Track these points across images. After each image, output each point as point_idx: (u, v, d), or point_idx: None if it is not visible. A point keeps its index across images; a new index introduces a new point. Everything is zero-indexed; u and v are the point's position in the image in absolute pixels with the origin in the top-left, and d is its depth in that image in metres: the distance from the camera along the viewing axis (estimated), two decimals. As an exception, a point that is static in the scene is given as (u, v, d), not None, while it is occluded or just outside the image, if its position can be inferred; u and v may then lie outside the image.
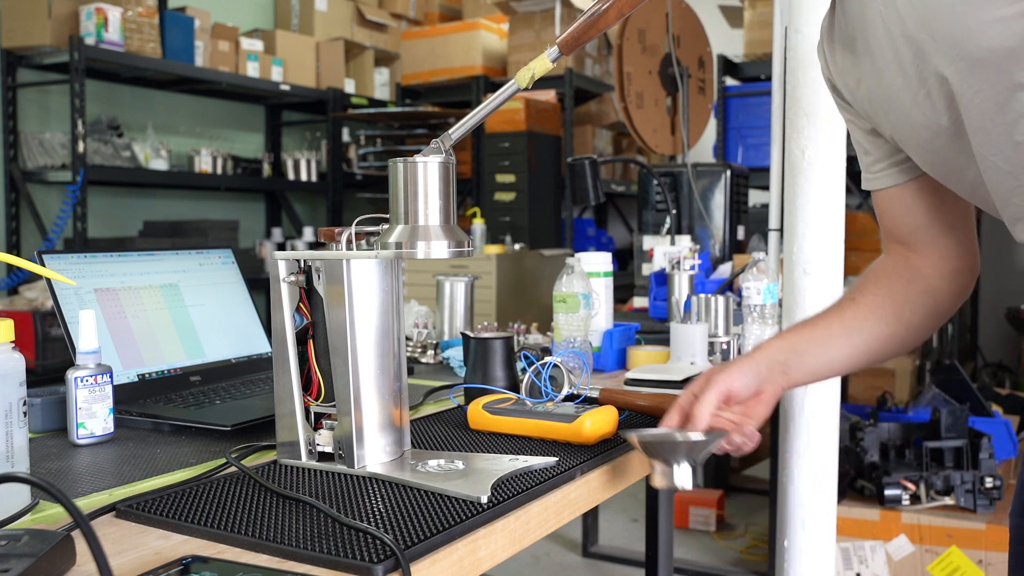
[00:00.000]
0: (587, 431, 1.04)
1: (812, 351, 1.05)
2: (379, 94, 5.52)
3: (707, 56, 3.24)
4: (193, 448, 1.08)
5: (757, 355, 1.04)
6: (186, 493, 0.86)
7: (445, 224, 0.91)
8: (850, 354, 1.06)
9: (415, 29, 5.29)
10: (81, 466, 1.01)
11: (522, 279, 3.35)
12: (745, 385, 1.01)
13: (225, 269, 1.51)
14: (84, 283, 1.28)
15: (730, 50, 4.41)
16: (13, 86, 3.96)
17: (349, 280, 0.92)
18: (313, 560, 0.71)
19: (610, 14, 0.90)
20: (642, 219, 2.55)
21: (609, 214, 6.05)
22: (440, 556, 0.74)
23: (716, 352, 1.71)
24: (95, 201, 4.22)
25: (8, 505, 0.81)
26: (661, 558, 1.91)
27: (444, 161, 0.91)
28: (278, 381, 0.97)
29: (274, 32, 4.86)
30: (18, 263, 0.85)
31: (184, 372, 1.35)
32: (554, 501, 0.90)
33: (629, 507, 3.57)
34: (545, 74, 0.92)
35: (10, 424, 0.81)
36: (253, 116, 5.25)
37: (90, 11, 3.83)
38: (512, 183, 4.51)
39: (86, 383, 1.09)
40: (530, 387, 1.25)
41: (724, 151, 4.34)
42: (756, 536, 3.24)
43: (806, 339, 1.05)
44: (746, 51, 4.28)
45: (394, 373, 0.97)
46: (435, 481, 0.88)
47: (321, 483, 0.89)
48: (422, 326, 1.86)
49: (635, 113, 2.87)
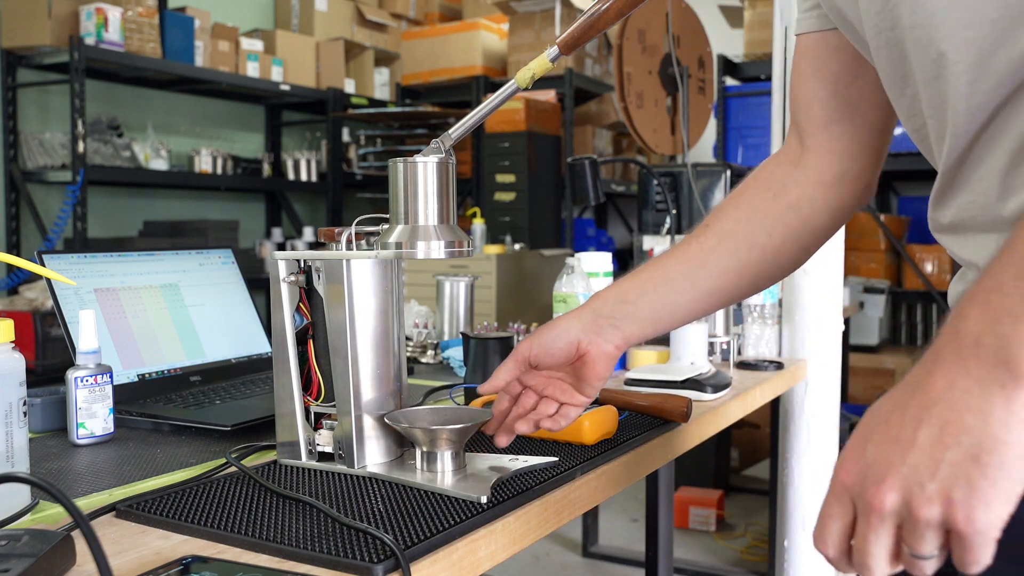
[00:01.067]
0: (587, 431, 1.04)
1: (646, 299, 0.91)
2: (379, 94, 5.52)
3: (707, 56, 3.24)
4: (193, 448, 1.08)
5: (580, 310, 0.92)
6: (186, 493, 0.86)
7: (445, 224, 0.91)
8: (694, 296, 0.91)
9: (415, 29, 5.29)
10: (81, 466, 1.01)
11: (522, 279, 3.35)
12: (551, 346, 0.90)
13: (225, 269, 1.51)
14: (84, 283, 1.28)
15: (730, 50, 4.42)
16: (13, 86, 3.96)
17: (349, 280, 0.92)
18: (313, 560, 0.71)
19: (610, 14, 0.90)
20: (642, 219, 2.55)
21: (609, 214, 6.05)
22: (440, 556, 0.74)
23: (716, 352, 1.71)
24: (95, 201, 4.22)
25: (8, 505, 0.81)
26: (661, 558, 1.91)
27: (444, 161, 0.91)
28: (278, 381, 0.97)
29: (274, 32, 4.86)
30: (18, 263, 0.85)
31: (184, 372, 1.35)
32: (554, 501, 0.90)
33: (629, 507, 3.57)
34: (545, 74, 0.92)
35: (10, 424, 0.81)
36: (253, 116, 5.25)
37: (90, 11, 3.83)
38: (512, 183, 4.51)
39: (86, 383, 1.09)
40: None
41: (724, 151, 4.34)
42: (756, 536, 3.24)
43: (638, 285, 0.92)
44: (746, 51, 4.29)
45: (394, 373, 0.97)
46: (435, 481, 0.88)
47: (321, 483, 0.89)
48: (422, 326, 1.86)
49: (635, 113, 2.87)
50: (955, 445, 0.50)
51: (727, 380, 1.44)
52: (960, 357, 0.51)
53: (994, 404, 0.49)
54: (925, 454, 0.51)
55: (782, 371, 1.68)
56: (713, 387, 1.38)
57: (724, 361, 1.71)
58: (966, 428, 0.50)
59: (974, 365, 0.50)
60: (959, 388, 0.50)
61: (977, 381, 0.50)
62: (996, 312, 0.50)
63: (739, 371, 1.65)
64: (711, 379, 1.40)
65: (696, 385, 1.37)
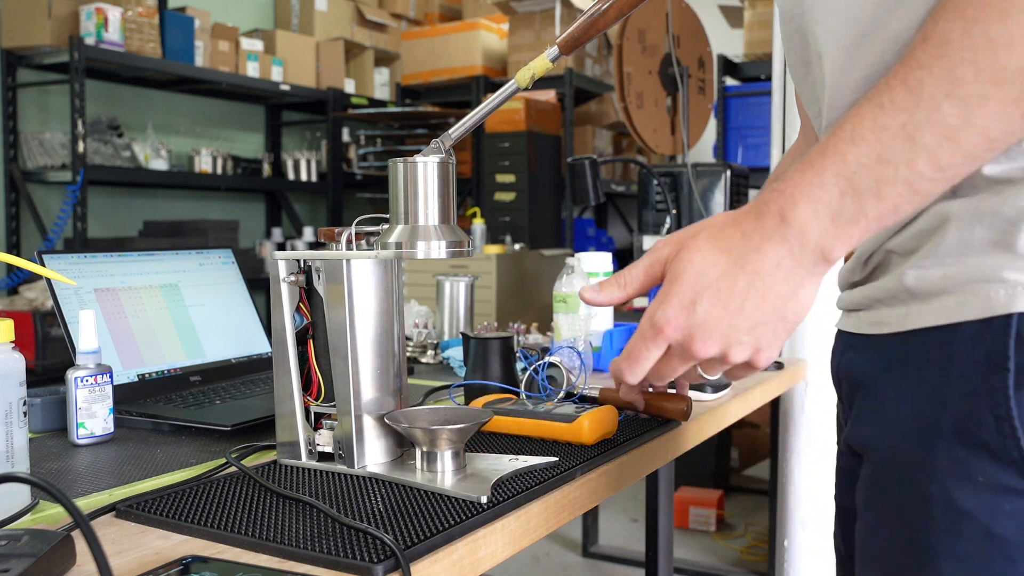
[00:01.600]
0: (587, 431, 1.04)
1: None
2: (379, 94, 5.52)
3: (707, 56, 3.24)
4: (193, 448, 1.08)
5: None
6: (186, 493, 0.86)
7: (445, 224, 0.91)
8: None
9: (415, 29, 5.29)
10: (81, 466, 1.01)
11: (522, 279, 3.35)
12: None
13: (225, 269, 1.51)
14: (84, 283, 1.28)
15: (730, 50, 4.41)
16: (13, 86, 3.96)
17: (349, 280, 0.92)
18: (313, 560, 0.71)
19: (610, 14, 0.90)
20: (642, 219, 2.55)
21: (609, 214, 6.05)
22: (440, 556, 0.74)
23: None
24: (95, 201, 4.22)
25: (8, 505, 0.81)
26: (661, 558, 1.91)
27: (444, 161, 0.91)
28: (278, 381, 0.97)
29: (274, 32, 4.86)
30: (18, 263, 0.85)
31: (184, 372, 1.35)
32: (554, 501, 0.90)
33: (629, 507, 3.57)
34: (545, 74, 0.92)
35: (10, 424, 0.81)
36: (253, 116, 5.25)
37: (90, 11, 3.83)
38: (512, 183, 4.51)
39: (86, 383, 1.09)
40: (529, 384, 1.25)
41: (724, 151, 4.34)
42: (756, 536, 3.24)
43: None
44: (746, 51, 4.28)
45: (394, 373, 0.97)
46: (435, 481, 0.88)
47: (321, 483, 0.89)
48: (422, 326, 1.86)
49: (635, 113, 2.87)
50: (771, 310, 0.62)
51: (727, 380, 1.44)
52: (786, 240, 0.60)
53: (806, 281, 0.61)
54: (748, 318, 0.62)
55: (782, 371, 1.68)
56: (713, 387, 1.38)
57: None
58: (782, 297, 0.62)
59: (798, 250, 0.60)
60: (784, 268, 0.61)
61: (798, 263, 0.61)
62: (817, 205, 0.59)
63: (739, 371, 1.65)
64: (711, 379, 1.40)
65: (696, 385, 1.37)
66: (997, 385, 0.58)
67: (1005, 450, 0.58)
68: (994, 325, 0.59)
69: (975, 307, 0.60)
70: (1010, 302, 0.58)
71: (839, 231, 0.59)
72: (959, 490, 0.59)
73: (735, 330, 0.63)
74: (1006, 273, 0.59)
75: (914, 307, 0.64)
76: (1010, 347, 0.58)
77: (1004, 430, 0.58)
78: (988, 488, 0.58)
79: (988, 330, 0.59)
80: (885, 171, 0.57)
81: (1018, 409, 0.57)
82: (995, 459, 0.58)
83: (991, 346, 0.59)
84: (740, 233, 0.62)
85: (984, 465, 0.59)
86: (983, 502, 0.59)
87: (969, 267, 0.60)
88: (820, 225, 0.59)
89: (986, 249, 0.60)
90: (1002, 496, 0.58)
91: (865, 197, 0.57)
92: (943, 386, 0.61)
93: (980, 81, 0.53)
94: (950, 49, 0.54)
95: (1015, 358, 0.58)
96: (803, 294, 0.62)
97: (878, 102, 0.57)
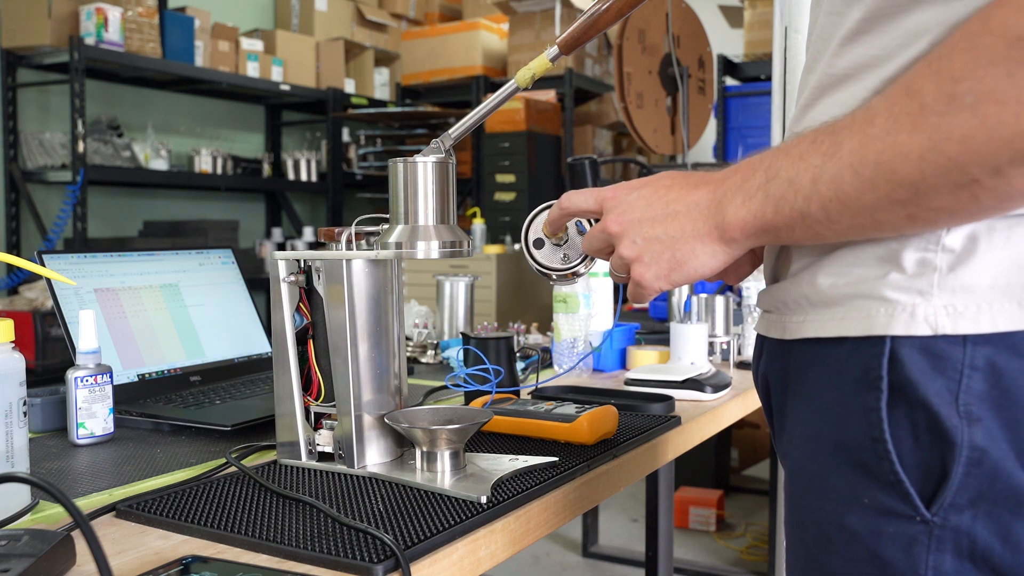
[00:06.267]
0: (587, 431, 1.04)
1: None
2: (379, 94, 5.52)
3: (707, 56, 3.24)
4: (193, 448, 1.08)
5: None
6: (186, 493, 0.86)
7: (445, 224, 0.91)
8: None
9: (415, 29, 5.29)
10: (81, 466, 1.01)
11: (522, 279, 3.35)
12: None
13: (225, 269, 1.51)
14: (84, 283, 1.28)
15: (730, 50, 4.41)
16: (13, 86, 3.96)
17: (349, 280, 0.92)
18: (313, 560, 0.71)
19: (610, 14, 0.89)
20: (642, 219, 2.55)
21: (609, 214, 6.04)
22: (440, 556, 0.74)
23: (716, 352, 1.71)
24: (95, 201, 4.22)
25: (8, 505, 0.81)
26: (661, 558, 1.91)
27: (444, 161, 0.90)
28: (278, 381, 0.97)
29: (274, 32, 4.86)
30: (18, 263, 0.85)
31: (184, 372, 1.35)
32: (554, 501, 0.90)
33: (629, 507, 3.57)
34: (545, 74, 0.92)
35: (10, 424, 0.81)
36: (253, 116, 5.25)
37: (90, 11, 3.83)
38: (512, 183, 4.51)
39: (86, 383, 1.09)
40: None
41: (724, 151, 4.34)
42: (756, 536, 3.24)
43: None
44: (746, 51, 4.29)
45: (394, 373, 0.97)
46: (435, 481, 0.88)
47: (321, 483, 0.89)
48: (422, 326, 1.86)
49: (635, 113, 2.87)
50: (668, 235, 0.68)
51: (727, 380, 1.44)
52: (713, 194, 0.66)
53: (707, 239, 0.66)
54: (652, 226, 0.69)
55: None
56: (713, 387, 1.38)
57: (724, 361, 1.71)
58: (684, 233, 0.67)
59: (715, 207, 0.65)
60: (700, 209, 0.66)
61: (710, 214, 0.66)
62: (744, 183, 0.63)
63: (739, 371, 1.65)
64: (711, 379, 1.40)
65: (696, 385, 1.37)
66: (872, 405, 0.57)
67: (883, 472, 0.57)
68: (871, 343, 0.58)
69: (856, 324, 0.59)
70: (888, 323, 0.57)
71: (741, 215, 0.63)
72: (847, 512, 0.59)
73: (639, 224, 0.69)
74: (888, 291, 0.58)
75: (810, 315, 0.63)
76: (883, 367, 0.57)
77: (879, 452, 0.57)
78: (872, 510, 0.58)
79: (866, 347, 0.58)
80: (788, 193, 0.59)
81: (892, 430, 0.57)
82: (875, 480, 0.57)
83: (867, 364, 0.58)
84: (697, 174, 0.70)
85: (867, 486, 0.58)
86: (868, 524, 0.58)
87: (855, 280, 0.60)
88: (734, 200, 0.64)
89: (872, 263, 0.59)
90: (885, 519, 0.57)
91: (769, 202, 0.61)
92: (832, 402, 0.61)
93: (876, 177, 0.54)
94: (872, 132, 0.54)
95: (887, 378, 0.57)
96: (699, 249, 0.67)
97: (817, 134, 0.58)
